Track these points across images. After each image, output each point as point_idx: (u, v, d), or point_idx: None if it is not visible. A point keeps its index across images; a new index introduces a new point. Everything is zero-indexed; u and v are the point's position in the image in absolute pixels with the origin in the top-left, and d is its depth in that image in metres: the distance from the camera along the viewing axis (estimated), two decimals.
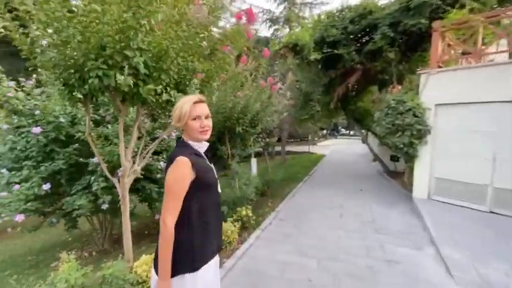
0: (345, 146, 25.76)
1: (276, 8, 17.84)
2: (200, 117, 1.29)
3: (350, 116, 11.08)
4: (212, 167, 1.39)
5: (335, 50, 6.95)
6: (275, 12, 17.86)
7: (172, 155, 1.28)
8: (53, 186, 3.24)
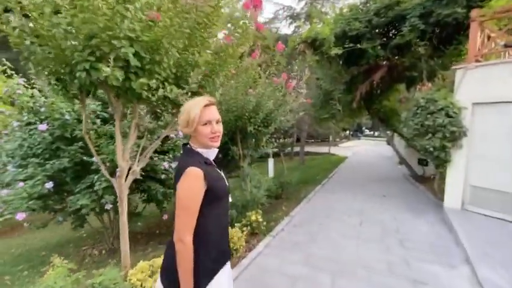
0: (368, 147, 24.83)
1: (297, 4, 17.31)
2: (211, 122, 1.19)
3: (374, 116, 10.46)
4: (223, 176, 1.30)
5: (357, 45, 6.45)
6: (296, 8, 17.35)
7: (180, 164, 1.17)
8: (58, 184, 3.20)
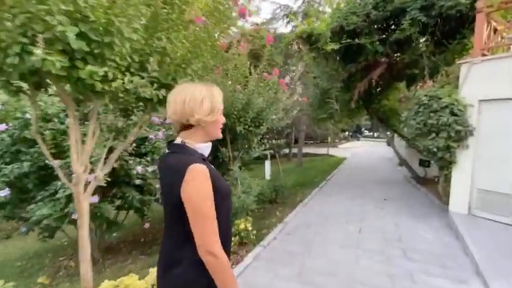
0: (368, 148, 24.56)
1: (294, 3, 17.02)
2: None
3: (373, 115, 10.10)
4: (219, 173, 1.19)
5: (355, 40, 6.11)
6: (293, 7, 17.05)
7: (177, 163, 1.00)
8: (21, 191, 2.85)
